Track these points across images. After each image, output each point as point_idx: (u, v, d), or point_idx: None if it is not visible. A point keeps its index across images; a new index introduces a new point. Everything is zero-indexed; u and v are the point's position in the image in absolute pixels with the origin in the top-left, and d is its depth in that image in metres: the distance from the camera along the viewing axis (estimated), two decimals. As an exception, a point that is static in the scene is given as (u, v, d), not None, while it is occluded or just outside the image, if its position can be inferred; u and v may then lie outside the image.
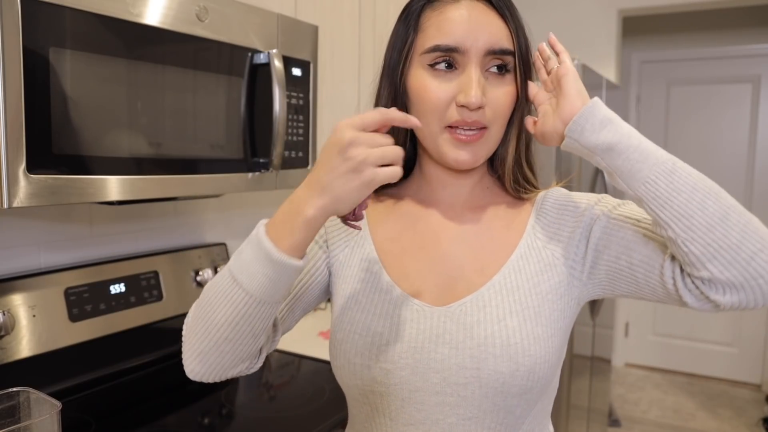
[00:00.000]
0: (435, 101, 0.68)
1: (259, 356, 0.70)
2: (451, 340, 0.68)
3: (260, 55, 1.23)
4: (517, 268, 0.71)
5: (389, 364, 0.69)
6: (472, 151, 0.69)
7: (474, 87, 0.66)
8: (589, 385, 2.48)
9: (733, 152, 3.73)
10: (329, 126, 1.65)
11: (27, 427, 0.84)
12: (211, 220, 1.70)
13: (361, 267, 0.75)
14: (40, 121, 0.87)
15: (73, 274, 1.26)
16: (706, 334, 3.87)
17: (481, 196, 0.77)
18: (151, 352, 1.45)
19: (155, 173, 1.05)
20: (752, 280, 0.56)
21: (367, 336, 0.70)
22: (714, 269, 0.57)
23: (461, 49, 0.67)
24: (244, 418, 1.18)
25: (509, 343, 0.66)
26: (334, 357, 0.73)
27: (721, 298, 0.58)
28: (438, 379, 0.67)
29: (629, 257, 0.66)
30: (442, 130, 0.69)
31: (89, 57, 0.93)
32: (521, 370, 0.65)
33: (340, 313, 0.74)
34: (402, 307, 0.71)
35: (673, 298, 0.63)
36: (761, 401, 3.54)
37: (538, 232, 0.73)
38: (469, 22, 0.67)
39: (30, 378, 1.19)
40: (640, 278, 0.65)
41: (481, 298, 0.69)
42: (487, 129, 0.69)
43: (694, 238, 0.57)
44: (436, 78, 0.68)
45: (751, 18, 3.72)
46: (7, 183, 0.83)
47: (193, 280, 1.53)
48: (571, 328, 0.73)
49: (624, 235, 0.67)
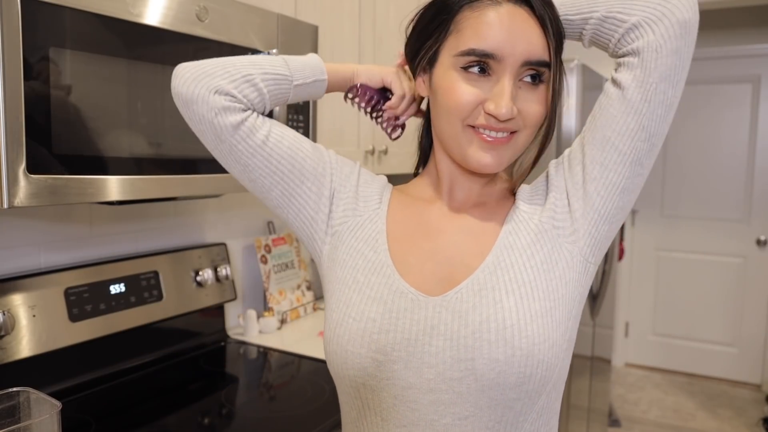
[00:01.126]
0: (462, 104, 0.67)
1: (228, 112, 0.71)
2: (445, 332, 0.66)
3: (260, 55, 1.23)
4: (509, 245, 0.70)
5: (381, 355, 0.67)
6: (498, 155, 0.68)
7: (506, 98, 0.65)
8: (589, 385, 2.48)
9: (733, 152, 3.73)
10: (329, 126, 1.65)
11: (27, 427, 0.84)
12: (211, 220, 1.70)
13: (367, 242, 0.75)
14: (40, 121, 0.87)
15: (73, 274, 1.26)
16: (706, 334, 3.87)
17: (489, 193, 0.77)
18: (151, 352, 1.45)
19: (155, 173, 1.05)
20: (667, 2, 0.64)
21: (361, 321, 0.69)
22: (638, 11, 0.65)
23: (498, 57, 0.65)
24: (244, 418, 1.19)
25: (504, 326, 0.64)
26: (328, 341, 0.72)
27: (652, 34, 0.64)
28: (432, 374, 0.66)
29: (594, 134, 0.69)
30: (465, 129, 0.68)
31: (89, 57, 0.93)
32: (518, 355, 0.64)
33: (338, 289, 0.73)
34: (398, 294, 0.70)
35: (630, 97, 0.66)
36: (761, 401, 3.54)
37: (520, 209, 0.74)
38: (510, 29, 0.65)
39: (30, 378, 1.19)
40: (609, 133, 0.67)
41: (476, 282, 0.68)
42: (517, 134, 0.69)
43: (613, 3, 0.66)
44: (466, 81, 0.67)
45: (751, 18, 3.72)
46: (7, 183, 0.83)
47: (193, 280, 1.53)
48: (582, 298, 0.71)
49: (584, 135, 0.70)
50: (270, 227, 1.92)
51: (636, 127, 0.66)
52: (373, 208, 0.78)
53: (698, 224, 3.86)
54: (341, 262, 0.75)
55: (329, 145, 1.66)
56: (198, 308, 1.54)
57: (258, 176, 0.74)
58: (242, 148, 0.73)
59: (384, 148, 1.89)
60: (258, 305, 1.87)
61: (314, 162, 0.76)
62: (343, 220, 0.77)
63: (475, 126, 0.68)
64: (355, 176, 0.79)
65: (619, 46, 0.67)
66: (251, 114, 0.73)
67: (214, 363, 1.48)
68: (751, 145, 3.69)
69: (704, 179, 3.80)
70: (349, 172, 0.79)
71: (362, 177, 0.80)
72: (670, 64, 0.64)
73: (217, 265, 1.61)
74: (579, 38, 0.71)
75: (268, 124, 0.75)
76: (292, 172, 0.75)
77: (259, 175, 0.74)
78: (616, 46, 0.67)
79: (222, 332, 1.67)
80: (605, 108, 0.68)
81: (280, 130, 0.75)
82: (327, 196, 0.77)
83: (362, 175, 0.81)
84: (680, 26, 0.63)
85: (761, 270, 3.71)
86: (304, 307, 1.92)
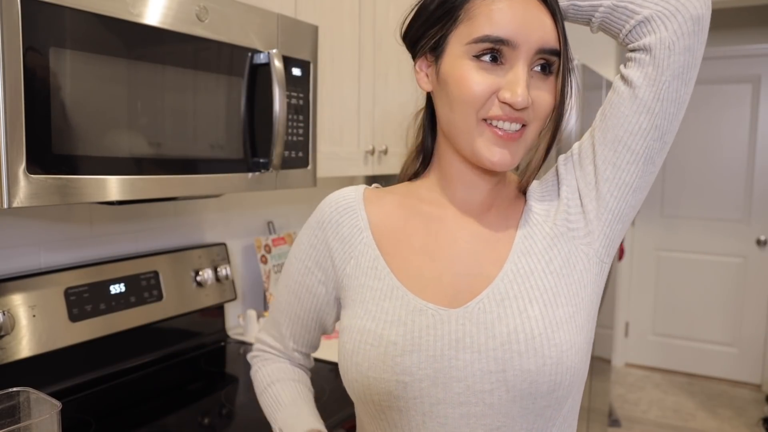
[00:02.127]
0: (476, 94, 0.64)
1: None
2: (472, 344, 0.64)
3: (260, 55, 1.23)
4: (525, 251, 0.69)
5: (406, 376, 0.65)
6: (511, 151, 0.66)
7: (522, 86, 0.63)
8: (589, 385, 2.48)
9: (733, 152, 3.73)
10: (329, 126, 1.65)
11: (27, 427, 0.84)
12: (211, 220, 1.70)
13: (367, 274, 0.72)
14: (40, 121, 0.87)
15: (73, 274, 1.26)
16: (706, 334, 3.87)
17: (498, 194, 0.74)
18: (151, 352, 1.45)
19: (155, 173, 1.05)
20: (682, 8, 0.62)
21: (380, 346, 0.66)
22: (650, 4, 0.63)
23: (513, 43, 0.63)
24: (244, 418, 1.18)
25: (533, 336, 0.63)
26: (345, 371, 0.69)
27: (665, 30, 0.62)
28: (461, 388, 0.64)
29: (605, 132, 0.67)
30: (478, 122, 0.65)
31: (89, 57, 0.93)
32: (548, 364, 0.63)
33: (348, 323, 0.71)
34: (417, 312, 0.67)
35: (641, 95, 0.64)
36: (761, 401, 3.54)
37: (533, 212, 0.72)
38: (524, 16, 0.63)
39: (30, 378, 1.19)
40: (621, 133, 0.66)
41: (498, 291, 0.66)
42: (527, 127, 0.66)
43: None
44: (479, 70, 0.64)
45: (751, 18, 3.72)
46: (7, 183, 0.83)
47: (193, 280, 1.53)
48: (599, 297, 0.71)
49: (593, 133, 0.69)
50: (270, 227, 1.92)
51: (649, 127, 0.64)
52: (358, 241, 0.74)
53: (698, 224, 3.86)
54: (351, 302, 0.73)
55: (329, 145, 1.66)
56: (198, 308, 1.54)
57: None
58: None
59: (384, 148, 1.89)
60: (258, 305, 1.87)
61: (317, 298, 0.80)
62: (344, 273, 0.75)
63: (488, 119, 0.65)
64: (322, 245, 0.77)
65: (629, 39, 0.65)
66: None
67: (214, 363, 1.48)
68: (751, 145, 3.69)
69: (704, 179, 3.80)
70: (319, 254, 0.78)
71: (330, 229, 0.76)
72: (683, 61, 0.63)
73: (217, 265, 1.61)
74: (587, 23, 0.69)
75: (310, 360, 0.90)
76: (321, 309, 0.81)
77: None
78: (627, 38, 0.66)
79: (222, 332, 1.67)
80: (616, 106, 0.66)
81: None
82: (332, 285, 0.78)
83: (329, 227, 0.77)
84: (693, 22, 0.62)
85: (761, 270, 3.71)
86: (304, 307, 1.92)
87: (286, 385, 0.84)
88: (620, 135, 0.66)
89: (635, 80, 0.64)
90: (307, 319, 0.82)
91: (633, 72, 0.65)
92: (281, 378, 0.85)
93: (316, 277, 0.78)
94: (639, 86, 0.64)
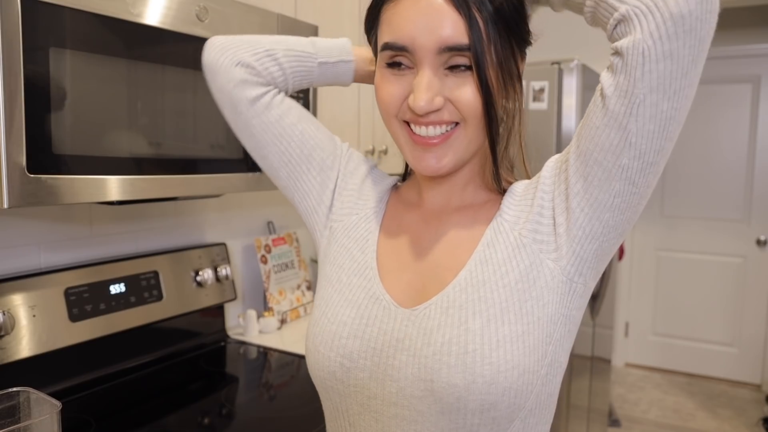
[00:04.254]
0: (388, 101, 0.65)
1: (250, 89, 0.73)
2: (410, 347, 0.63)
3: (260, 55, 1.23)
4: (484, 259, 0.65)
5: (348, 361, 0.66)
6: (436, 156, 0.64)
7: (421, 90, 0.60)
8: (589, 385, 2.48)
9: (733, 152, 3.73)
10: (329, 126, 1.65)
11: (27, 427, 0.84)
12: (211, 220, 1.70)
13: (357, 242, 0.74)
14: (40, 121, 0.87)
15: (73, 274, 1.26)
16: (706, 334, 3.87)
17: (472, 197, 0.72)
18: (151, 352, 1.45)
19: (155, 173, 1.05)
20: (660, 3, 0.51)
21: (333, 323, 0.68)
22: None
23: (410, 48, 0.61)
24: (244, 418, 1.18)
25: (466, 351, 0.59)
26: (306, 338, 0.71)
27: (640, 32, 0.52)
28: (395, 388, 0.63)
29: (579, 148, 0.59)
30: (401, 124, 0.66)
31: (89, 57, 0.93)
32: (478, 382, 0.58)
33: (323, 286, 0.73)
34: (373, 299, 0.68)
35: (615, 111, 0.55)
36: (761, 401, 3.54)
37: (504, 216, 0.67)
38: (421, 19, 0.60)
39: (30, 378, 1.19)
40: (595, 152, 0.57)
41: (446, 299, 0.64)
42: (458, 128, 0.63)
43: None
44: (390, 77, 0.64)
45: (751, 18, 3.72)
46: (7, 183, 0.83)
47: (193, 280, 1.53)
48: (568, 321, 0.63)
49: (569, 148, 0.62)
50: (270, 227, 1.92)
51: (621, 144, 0.55)
52: (370, 207, 0.76)
53: (698, 224, 3.86)
54: (332, 259, 0.75)
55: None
56: (198, 308, 1.54)
57: (268, 153, 0.76)
58: (256, 122, 0.74)
59: (384, 148, 1.89)
60: (258, 305, 1.87)
61: (324, 153, 0.77)
62: (341, 217, 0.77)
63: (406, 121, 0.65)
64: (361, 173, 0.79)
65: (612, 38, 0.56)
66: (270, 90, 0.75)
67: (214, 363, 1.48)
68: (751, 145, 3.69)
69: (704, 179, 3.80)
70: (354, 168, 0.79)
71: (371, 176, 0.79)
72: (662, 71, 0.52)
73: (217, 265, 1.61)
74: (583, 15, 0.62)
75: (287, 104, 0.76)
76: (300, 157, 0.76)
77: (269, 152, 0.76)
78: (611, 37, 0.56)
79: (222, 332, 1.67)
80: (589, 115, 0.58)
81: (299, 113, 0.76)
82: (330, 189, 0.77)
83: (372, 174, 0.79)
84: (674, 23, 0.50)
85: (761, 270, 3.71)
86: (304, 307, 1.92)
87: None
88: (590, 148, 0.57)
89: (606, 89, 0.55)
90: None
91: (606, 79, 0.56)
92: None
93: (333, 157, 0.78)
94: (609, 96, 0.55)
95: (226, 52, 0.74)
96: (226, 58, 0.73)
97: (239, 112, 0.74)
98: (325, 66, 0.77)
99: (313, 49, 0.77)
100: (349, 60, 0.78)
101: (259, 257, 1.80)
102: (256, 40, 0.75)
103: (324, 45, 0.78)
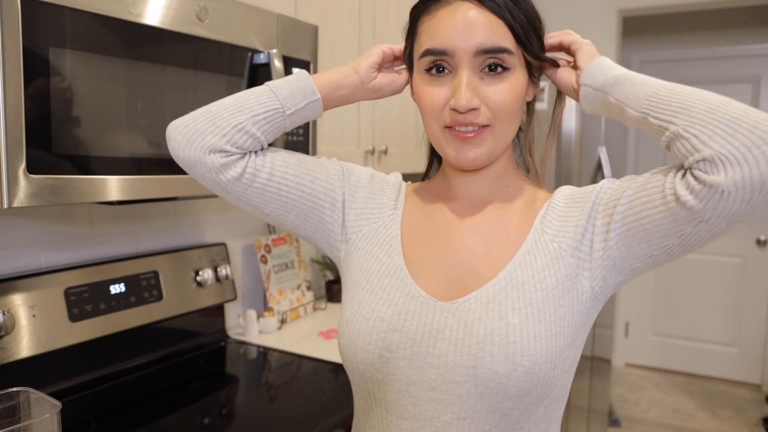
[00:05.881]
0: (431, 105, 0.70)
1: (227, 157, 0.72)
2: (451, 336, 0.68)
3: (260, 55, 1.23)
4: (524, 264, 0.70)
5: (387, 352, 0.70)
6: (472, 150, 0.70)
7: (462, 90, 0.67)
8: (589, 385, 2.48)
9: (733, 152, 3.73)
10: (329, 126, 1.65)
11: (27, 427, 0.84)
12: (211, 220, 1.70)
13: (382, 247, 0.77)
14: (40, 121, 0.87)
15: (73, 274, 1.26)
16: (706, 334, 3.87)
17: (504, 192, 0.77)
18: (151, 352, 1.45)
19: (155, 173, 1.05)
20: (755, 148, 0.56)
21: (370, 320, 0.71)
22: (715, 144, 0.57)
23: (449, 52, 0.68)
24: (244, 418, 1.19)
25: (507, 342, 0.65)
26: (340, 335, 0.75)
27: (723, 177, 0.56)
28: (435, 374, 0.68)
29: (633, 209, 0.65)
30: (442, 129, 0.71)
31: (89, 57, 0.93)
32: (518, 371, 0.65)
33: (351, 289, 0.76)
34: (409, 297, 0.72)
35: (678, 214, 0.60)
36: (761, 401, 3.54)
37: (546, 226, 0.72)
38: (456, 24, 0.67)
39: (30, 378, 1.19)
40: (647, 222, 0.63)
41: (485, 295, 0.69)
42: (489, 127, 0.69)
43: (694, 122, 0.59)
44: (430, 82, 0.70)
45: (751, 18, 3.72)
46: (7, 183, 0.83)
47: (193, 280, 1.53)
48: (587, 327, 0.72)
49: (625, 193, 0.66)
50: (270, 227, 1.92)
51: (672, 231, 0.62)
52: (387, 214, 0.80)
53: (698, 224, 3.85)
54: (356, 266, 0.78)
55: (329, 145, 1.66)
56: (198, 308, 1.54)
57: (271, 210, 0.76)
58: (250, 192, 0.74)
59: (384, 148, 1.89)
60: (258, 305, 1.87)
61: (322, 181, 0.78)
62: (357, 228, 0.79)
63: (448, 126, 0.70)
64: (365, 183, 0.81)
65: (692, 169, 0.60)
66: (249, 158, 0.74)
67: (214, 363, 1.48)
68: (751, 145, 3.69)
69: (704, 179, 3.80)
70: (356, 181, 0.81)
71: (375, 185, 0.82)
72: (735, 210, 0.57)
73: (217, 265, 1.61)
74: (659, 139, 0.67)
75: (269, 159, 0.75)
76: (303, 197, 0.77)
77: (273, 209, 0.76)
78: (690, 167, 0.60)
79: (222, 332, 1.67)
80: (650, 183, 0.64)
81: (282, 159, 0.76)
82: (339, 207, 0.79)
83: (374, 182, 0.82)
84: (762, 181, 0.56)
85: (761, 270, 3.71)
86: (304, 307, 1.92)
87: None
88: (643, 215, 0.63)
89: (680, 201, 0.60)
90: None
91: (681, 191, 0.59)
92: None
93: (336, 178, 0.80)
94: (679, 210, 0.60)
95: (193, 143, 0.72)
96: (195, 149, 0.72)
97: (229, 191, 0.74)
98: (294, 115, 0.76)
99: (277, 103, 0.74)
100: (315, 99, 0.76)
101: (259, 257, 1.80)
102: (219, 116, 0.72)
103: (285, 91, 0.75)
